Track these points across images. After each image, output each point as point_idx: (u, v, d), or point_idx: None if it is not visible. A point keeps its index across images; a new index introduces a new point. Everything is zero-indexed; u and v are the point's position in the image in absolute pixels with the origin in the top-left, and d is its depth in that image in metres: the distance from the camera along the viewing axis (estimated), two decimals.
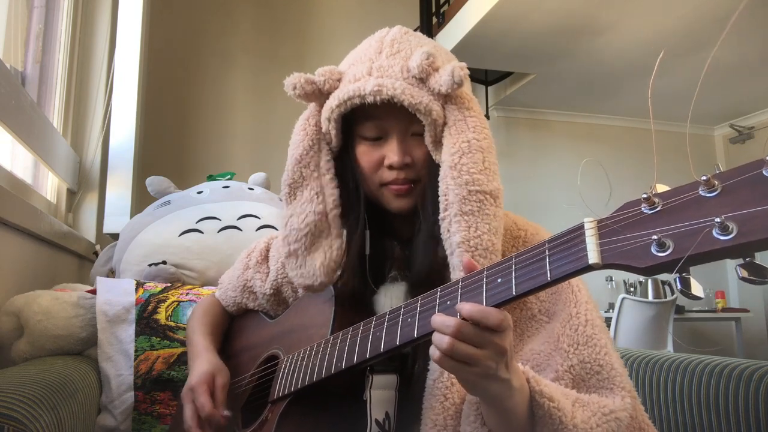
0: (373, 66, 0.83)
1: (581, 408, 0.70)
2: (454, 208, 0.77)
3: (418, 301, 0.69)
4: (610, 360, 0.77)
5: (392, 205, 0.87)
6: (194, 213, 1.75)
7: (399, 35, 0.88)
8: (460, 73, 0.76)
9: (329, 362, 0.78)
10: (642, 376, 1.26)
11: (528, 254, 0.59)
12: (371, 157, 0.86)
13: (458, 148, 0.78)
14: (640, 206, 0.49)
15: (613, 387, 0.75)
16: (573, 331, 0.78)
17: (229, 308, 1.18)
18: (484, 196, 0.77)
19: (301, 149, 0.88)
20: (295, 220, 0.87)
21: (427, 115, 0.80)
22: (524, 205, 5.04)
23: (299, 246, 0.88)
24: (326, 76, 0.84)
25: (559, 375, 0.75)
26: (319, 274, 0.87)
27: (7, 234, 1.37)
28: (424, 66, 0.78)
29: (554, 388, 0.70)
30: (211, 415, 0.89)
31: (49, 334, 1.33)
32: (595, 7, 3.59)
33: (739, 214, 0.42)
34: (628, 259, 0.48)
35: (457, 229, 0.76)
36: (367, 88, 0.79)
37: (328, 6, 4.37)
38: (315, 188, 0.87)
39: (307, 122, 0.89)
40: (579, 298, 0.81)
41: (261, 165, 2.67)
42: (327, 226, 0.88)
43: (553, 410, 0.66)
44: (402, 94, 0.78)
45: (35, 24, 2.02)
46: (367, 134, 0.86)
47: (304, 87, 0.84)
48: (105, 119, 2.35)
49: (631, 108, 5.28)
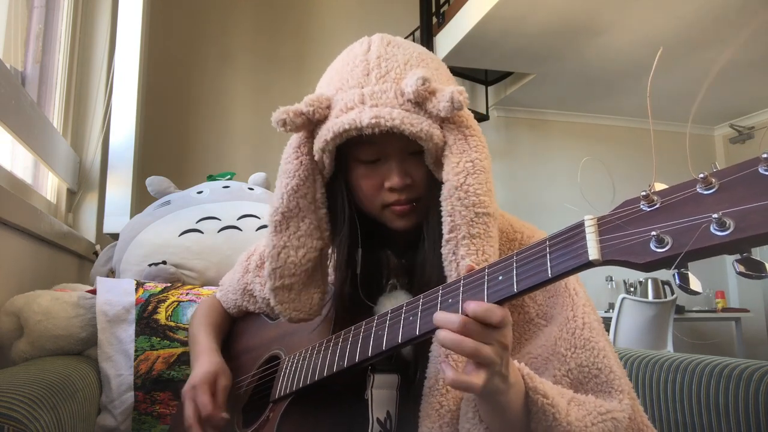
0: (365, 92, 0.79)
1: (577, 406, 0.70)
2: (462, 231, 0.76)
3: (420, 299, 0.69)
4: (609, 363, 0.76)
5: (395, 224, 0.86)
6: (194, 213, 1.75)
7: (383, 50, 0.83)
8: (460, 98, 0.74)
9: (330, 361, 0.78)
10: (642, 376, 1.26)
11: (529, 251, 0.59)
12: (371, 181, 0.84)
13: (462, 167, 0.77)
14: (639, 204, 0.49)
15: (612, 390, 0.75)
16: (570, 335, 0.77)
17: (230, 310, 1.18)
18: (488, 218, 0.76)
19: (297, 179, 0.83)
20: (292, 253, 0.84)
21: (428, 140, 0.77)
22: (524, 204, 5.04)
23: (296, 280, 0.85)
24: (315, 106, 0.80)
25: (557, 379, 0.76)
26: (317, 308, 0.87)
27: (7, 234, 1.37)
28: (420, 91, 0.75)
29: (550, 386, 0.70)
30: (212, 415, 0.89)
31: (49, 334, 1.33)
32: (595, 7, 3.60)
33: (736, 210, 0.42)
34: (627, 255, 0.48)
35: (466, 252, 0.75)
36: (364, 120, 0.75)
37: (328, 6, 4.37)
38: (314, 221, 0.84)
39: (299, 150, 0.84)
40: (576, 302, 0.80)
41: (261, 165, 2.68)
42: (322, 261, 0.87)
43: (547, 407, 0.67)
44: (402, 124, 0.75)
45: (35, 24, 2.03)
46: (364, 158, 0.83)
47: (294, 121, 0.80)
48: (105, 119, 2.35)
49: (631, 108, 5.29)
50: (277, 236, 0.84)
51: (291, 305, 0.86)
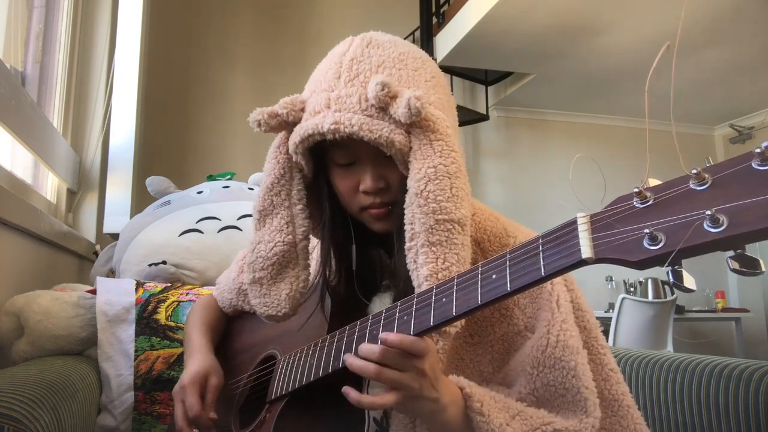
0: (331, 97, 0.78)
1: (522, 421, 0.72)
2: (420, 239, 0.74)
3: (414, 298, 0.69)
4: (577, 384, 0.75)
5: (374, 227, 0.86)
6: (194, 213, 1.75)
7: (359, 51, 0.82)
8: (416, 104, 0.72)
9: (326, 361, 0.78)
10: (642, 376, 1.26)
11: (522, 250, 0.59)
12: (347, 183, 0.84)
13: (424, 173, 0.75)
14: (632, 200, 0.49)
15: (576, 410, 0.75)
16: (540, 353, 0.77)
17: (225, 309, 1.18)
18: (452, 225, 0.74)
19: (272, 177, 0.86)
20: (263, 247, 0.85)
21: (390, 147, 0.76)
22: (523, 204, 5.05)
23: (265, 274, 0.86)
24: (288, 108, 0.81)
25: (522, 396, 0.76)
26: (284, 304, 0.86)
27: (7, 234, 1.37)
28: (380, 97, 0.74)
29: (491, 402, 0.72)
30: (198, 416, 0.90)
31: (49, 334, 1.33)
32: (595, 7, 3.59)
33: (729, 207, 0.42)
34: (620, 253, 0.48)
35: (424, 261, 0.73)
36: (325, 126, 0.76)
37: (328, 7, 4.37)
38: (285, 217, 0.85)
39: (278, 150, 0.87)
40: (555, 317, 0.79)
41: (261, 165, 2.66)
42: (295, 257, 0.86)
43: (482, 424, 0.70)
44: (360, 131, 0.75)
45: (35, 24, 2.03)
46: (339, 161, 0.83)
47: (268, 122, 0.82)
48: (105, 119, 2.35)
49: (630, 108, 5.28)
50: (256, 234, 0.87)
51: (261, 300, 0.87)
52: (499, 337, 0.84)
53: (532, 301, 0.83)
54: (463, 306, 0.62)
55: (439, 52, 4.34)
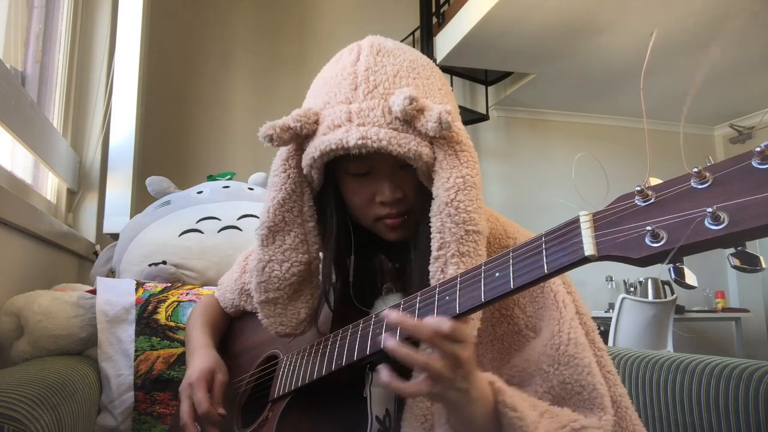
0: (352, 109, 0.77)
1: (549, 419, 0.70)
2: (451, 249, 0.74)
3: (417, 297, 0.69)
4: (593, 380, 0.75)
5: (388, 237, 0.85)
6: (194, 213, 1.75)
7: (372, 60, 0.81)
8: (447, 119, 0.72)
9: (329, 360, 0.78)
10: (642, 376, 1.26)
11: (525, 248, 0.59)
12: (362, 194, 0.83)
13: (453, 183, 0.75)
14: (634, 199, 0.49)
15: (593, 407, 0.74)
16: (554, 351, 0.76)
17: (227, 309, 1.18)
18: (478, 236, 0.75)
19: (283, 193, 0.83)
20: (276, 267, 0.83)
21: (417, 159, 0.76)
22: (524, 205, 5.05)
23: (280, 295, 0.84)
24: (302, 121, 0.79)
25: (539, 395, 0.75)
26: (305, 324, 0.86)
27: (7, 234, 1.37)
28: (407, 111, 0.73)
29: (520, 399, 0.70)
30: (208, 412, 0.89)
31: (49, 334, 1.33)
32: (595, 7, 3.60)
33: (730, 204, 0.42)
34: (623, 251, 0.49)
35: (454, 271, 0.73)
36: (351, 141, 0.74)
37: (328, 6, 4.38)
38: (300, 235, 0.84)
39: (287, 163, 0.84)
40: (564, 315, 0.79)
41: (261, 165, 2.67)
42: (309, 275, 0.86)
43: (515, 420, 0.67)
44: (389, 145, 0.74)
45: (35, 24, 2.03)
46: (354, 171, 0.82)
47: (281, 136, 0.79)
48: (105, 119, 2.35)
49: (630, 108, 5.29)
50: (263, 250, 0.84)
51: (277, 319, 0.86)
52: (499, 337, 0.84)
53: (531, 300, 0.83)
54: (467, 304, 0.62)
55: (439, 52, 4.34)
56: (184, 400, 0.92)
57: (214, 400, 0.92)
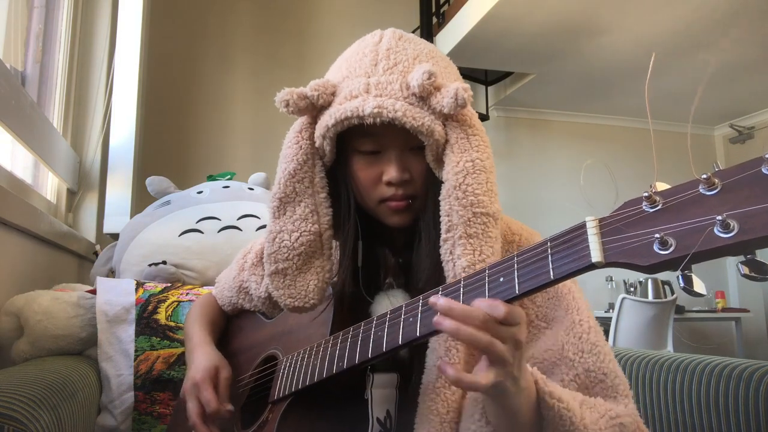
0: (371, 82, 0.78)
1: (589, 409, 0.70)
2: (458, 231, 0.75)
3: (419, 300, 0.69)
4: (614, 368, 0.76)
5: (390, 220, 0.85)
6: (194, 213, 1.75)
7: (394, 42, 0.83)
8: (464, 95, 0.73)
9: (330, 362, 0.78)
10: (642, 376, 1.26)
11: (530, 253, 0.58)
12: (369, 173, 0.83)
13: (462, 167, 0.76)
14: (641, 204, 0.49)
15: (617, 395, 0.75)
16: (577, 339, 0.77)
17: (225, 307, 1.18)
18: (488, 218, 0.75)
19: (294, 163, 0.83)
20: (286, 237, 0.83)
21: (429, 136, 0.77)
22: (524, 205, 5.04)
23: (290, 265, 0.84)
24: (320, 91, 0.80)
25: (565, 384, 0.75)
26: (312, 295, 0.84)
27: (7, 234, 1.37)
28: (425, 85, 0.75)
29: (561, 390, 0.69)
30: (217, 410, 0.89)
31: (49, 334, 1.33)
32: (595, 7, 3.59)
33: (739, 212, 0.42)
34: (630, 258, 0.48)
35: (462, 252, 0.74)
36: (366, 110, 0.75)
37: (327, 6, 4.37)
38: (310, 206, 0.83)
39: (300, 135, 0.84)
40: (580, 305, 0.80)
41: (261, 165, 2.67)
42: (320, 247, 0.85)
43: (564, 411, 0.66)
44: (404, 117, 0.75)
45: (35, 24, 2.02)
46: (364, 149, 0.83)
47: (297, 103, 0.80)
48: (105, 119, 2.35)
49: (631, 108, 5.28)
50: (275, 222, 0.85)
51: (286, 291, 0.84)
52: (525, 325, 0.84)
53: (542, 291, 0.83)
54: None
55: None
56: (190, 400, 0.92)
57: (220, 397, 0.92)
